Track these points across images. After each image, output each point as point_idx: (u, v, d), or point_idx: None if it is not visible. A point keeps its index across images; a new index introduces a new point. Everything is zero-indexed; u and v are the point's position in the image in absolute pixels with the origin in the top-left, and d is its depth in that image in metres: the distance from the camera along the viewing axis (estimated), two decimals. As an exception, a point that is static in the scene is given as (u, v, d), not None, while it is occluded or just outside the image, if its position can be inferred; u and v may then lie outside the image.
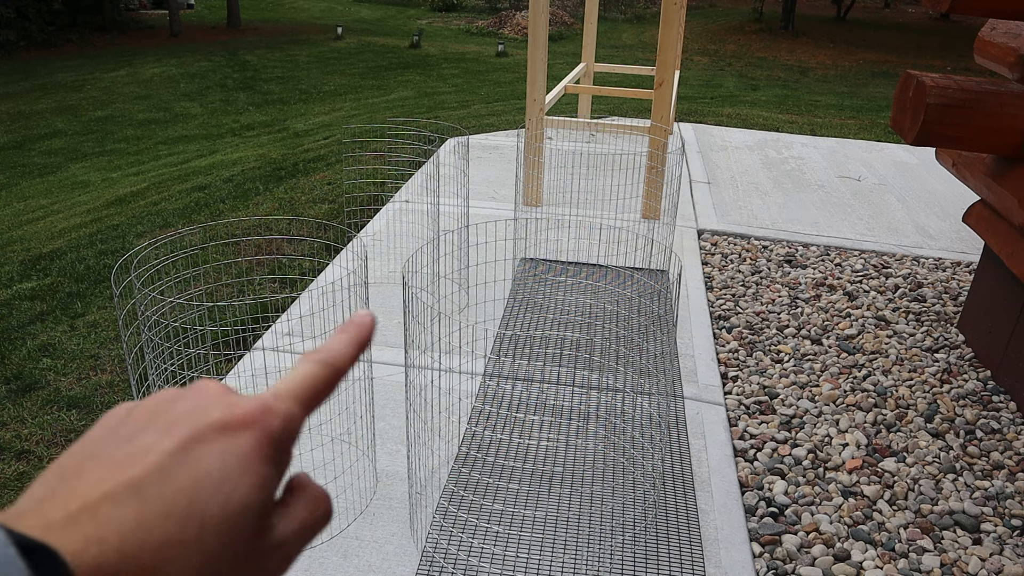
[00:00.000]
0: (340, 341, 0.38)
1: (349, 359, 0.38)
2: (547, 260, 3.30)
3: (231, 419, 0.32)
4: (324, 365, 0.37)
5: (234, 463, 0.31)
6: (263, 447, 0.32)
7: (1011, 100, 2.23)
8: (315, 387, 0.36)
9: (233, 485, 0.31)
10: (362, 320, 0.40)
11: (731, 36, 17.30)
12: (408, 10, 22.71)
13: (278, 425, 0.33)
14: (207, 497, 0.30)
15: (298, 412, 0.35)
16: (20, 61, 14.69)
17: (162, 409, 0.33)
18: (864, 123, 6.81)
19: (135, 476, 0.30)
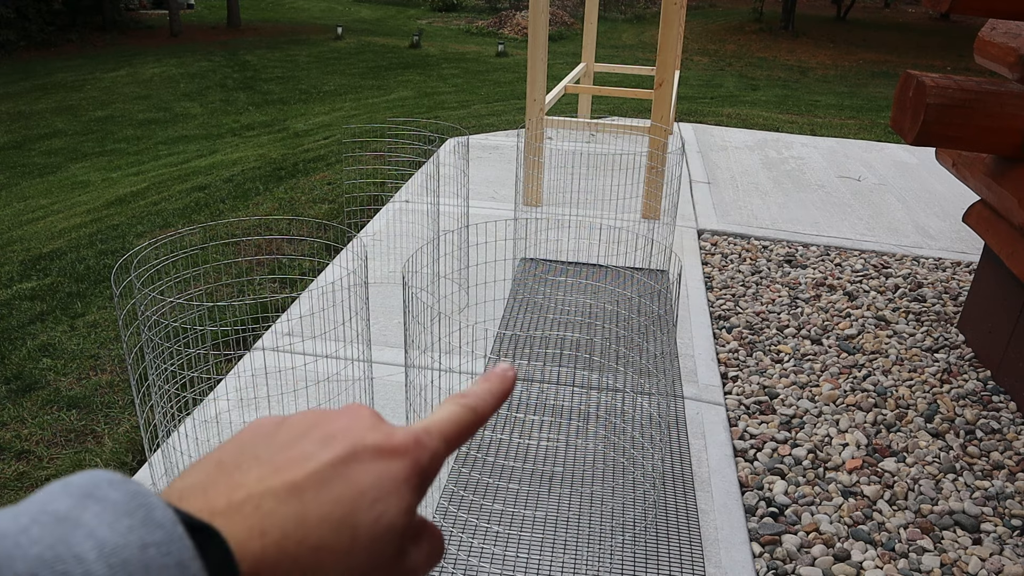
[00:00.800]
0: (485, 390, 0.40)
1: (492, 408, 0.40)
2: (547, 260, 3.30)
3: (387, 446, 0.34)
4: (470, 410, 0.39)
5: (388, 486, 0.33)
6: (412, 477, 0.34)
7: (1011, 100, 2.23)
8: (460, 429, 0.38)
9: (385, 506, 0.33)
10: (505, 374, 0.42)
11: (731, 36, 17.30)
12: (408, 10, 22.71)
13: (427, 458, 0.35)
14: (361, 512, 0.32)
15: (443, 450, 0.37)
16: (20, 61, 14.69)
17: (319, 423, 0.35)
18: (864, 123, 6.81)
19: (297, 479, 0.32)
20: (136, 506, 0.26)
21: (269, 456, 0.33)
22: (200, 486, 0.31)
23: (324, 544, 0.31)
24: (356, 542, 0.32)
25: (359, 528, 0.32)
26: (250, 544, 0.30)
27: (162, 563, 0.26)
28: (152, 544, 0.26)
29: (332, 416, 0.35)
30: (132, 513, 0.26)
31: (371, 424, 0.35)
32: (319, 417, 0.35)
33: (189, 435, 2.09)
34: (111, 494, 0.27)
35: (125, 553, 0.25)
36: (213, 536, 0.28)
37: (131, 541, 0.26)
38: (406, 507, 0.33)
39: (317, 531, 0.31)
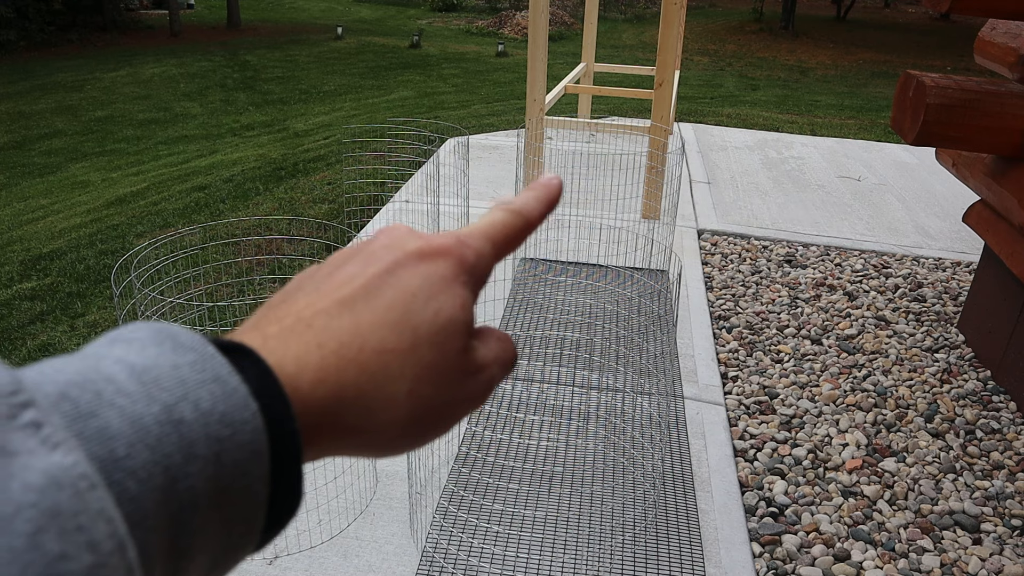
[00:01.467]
0: (532, 196, 0.40)
1: (539, 214, 0.39)
2: (547, 260, 3.30)
3: (428, 248, 0.34)
4: (516, 214, 0.38)
5: (438, 283, 0.33)
6: (461, 273, 0.34)
7: (1011, 100, 2.23)
8: (505, 232, 0.37)
9: (440, 303, 0.32)
10: (550, 181, 0.41)
11: (731, 36, 17.30)
12: (408, 10, 22.71)
13: (472, 256, 0.35)
14: (417, 310, 0.32)
15: (488, 251, 0.36)
16: (20, 61, 14.69)
17: (360, 249, 0.35)
18: (864, 123, 6.81)
19: (344, 295, 0.32)
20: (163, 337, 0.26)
21: (314, 286, 0.33)
22: (251, 324, 0.31)
23: (385, 346, 0.31)
24: (418, 339, 0.31)
25: (419, 327, 0.32)
26: (308, 358, 0.30)
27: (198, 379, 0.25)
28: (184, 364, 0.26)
29: (370, 241, 0.35)
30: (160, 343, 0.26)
31: (410, 235, 0.35)
32: (359, 246, 0.35)
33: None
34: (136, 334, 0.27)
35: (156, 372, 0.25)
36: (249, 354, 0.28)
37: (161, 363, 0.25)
38: (461, 302, 0.33)
39: (375, 335, 0.31)
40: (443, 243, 0.34)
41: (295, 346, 0.30)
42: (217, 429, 0.25)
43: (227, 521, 0.26)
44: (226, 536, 0.26)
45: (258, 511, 0.27)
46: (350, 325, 0.31)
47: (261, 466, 0.26)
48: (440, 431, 0.34)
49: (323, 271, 0.34)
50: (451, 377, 0.33)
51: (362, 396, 0.30)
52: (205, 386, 0.25)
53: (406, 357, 0.31)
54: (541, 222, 0.39)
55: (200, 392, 0.25)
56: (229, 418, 0.25)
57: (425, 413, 0.32)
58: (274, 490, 0.27)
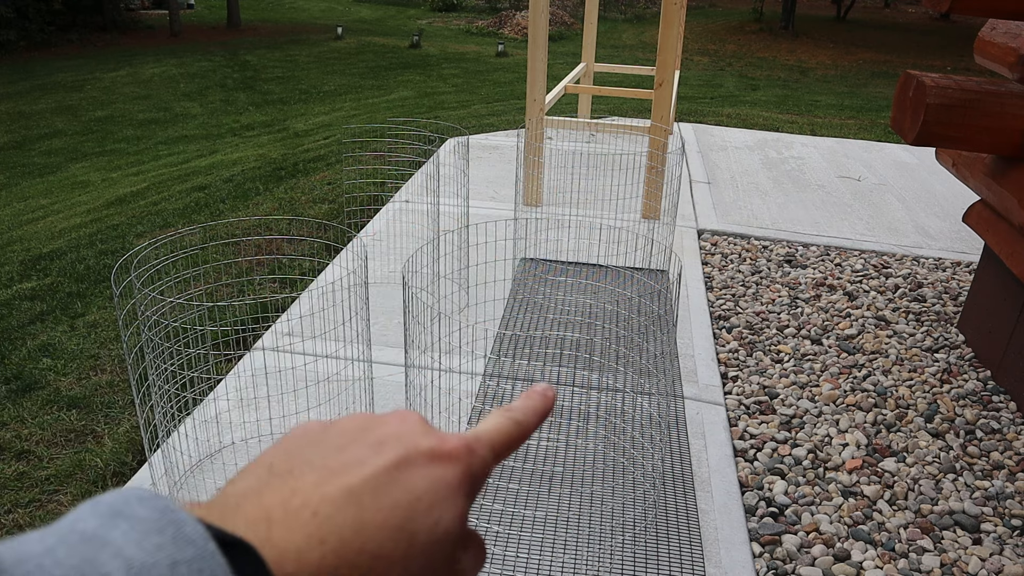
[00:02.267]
0: (529, 406, 0.41)
1: (534, 424, 0.40)
2: (547, 260, 3.30)
3: (440, 451, 0.34)
4: (516, 423, 0.39)
5: (443, 491, 0.33)
6: (465, 483, 0.34)
7: (1011, 100, 2.23)
8: (506, 440, 0.38)
9: (441, 511, 0.32)
10: (546, 392, 0.42)
11: (731, 36, 17.30)
12: (408, 10, 22.71)
13: (478, 465, 0.35)
14: (419, 518, 0.31)
15: (491, 459, 0.37)
16: (20, 61, 14.69)
17: (369, 427, 0.34)
18: (864, 123, 6.81)
19: (353, 484, 0.31)
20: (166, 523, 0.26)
21: (322, 461, 0.32)
22: (254, 491, 0.30)
23: (382, 552, 0.30)
24: (413, 548, 0.31)
25: (417, 535, 0.31)
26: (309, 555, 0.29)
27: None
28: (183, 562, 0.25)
29: (381, 420, 0.35)
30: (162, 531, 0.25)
31: (422, 429, 0.35)
32: (368, 421, 0.35)
33: (189, 435, 2.09)
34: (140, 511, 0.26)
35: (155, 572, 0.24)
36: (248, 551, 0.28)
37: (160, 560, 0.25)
38: (460, 513, 0.33)
39: (376, 538, 0.30)
40: (454, 448, 0.34)
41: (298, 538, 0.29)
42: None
43: None
44: None
45: None
46: (354, 521, 0.30)
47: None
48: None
49: (331, 439, 0.33)
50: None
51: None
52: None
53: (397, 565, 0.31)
54: (535, 430, 0.40)
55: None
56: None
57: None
58: None
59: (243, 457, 2.02)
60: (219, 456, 2.03)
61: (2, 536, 1.81)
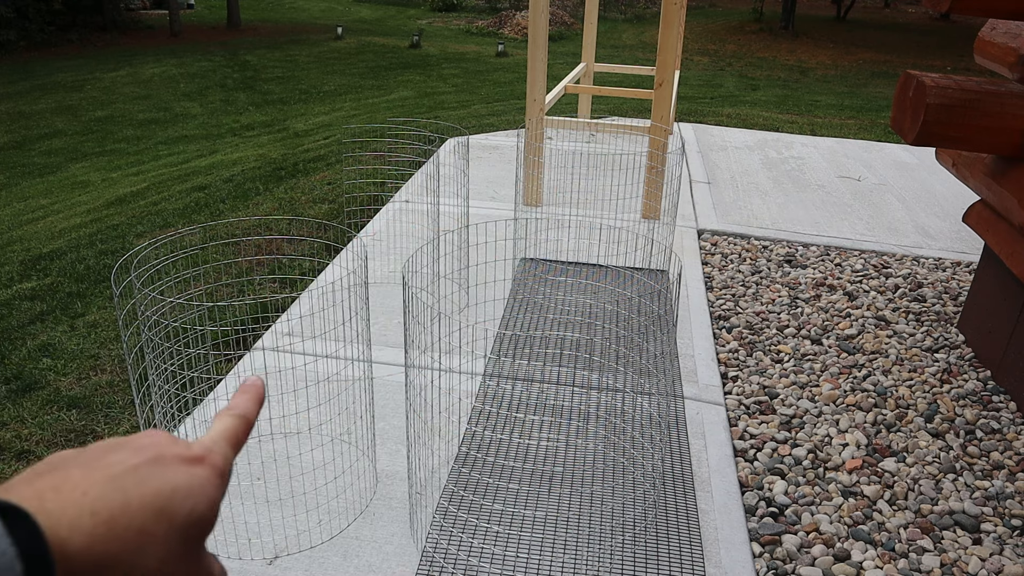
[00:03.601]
0: (245, 400, 0.48)
1: (255, 412, 0.48)
2: (547, 260, 3.30)
3: (188, 454, 0.40)
4: (239, 418, 0.46)
5: (195, 484, 0.38)
6: (214, 477, 0.40)
7: (1011, 100, 2.23)
8: (236, 434, 0.45)
9: (196, 500, 0.38)
10: (255, 383, 0.49)
11: (731, 36, 17.30)
12: (408, 10, 22.71)
13: (221, 461, 0.41)
14: (177, 503, 0.37)
15: (231, 453, 0.44)
16: (20, 61, 14.68)
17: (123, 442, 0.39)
18: (864, 123, 6.81)
19: (117, 473, 0.36)
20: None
21: (87, 461, 0.37)
22: (26, 479, 0.35)
23: (145, 528, 0.35)
24: (172, 528, 0.36)
25: (175, 517, 0.36)
26: (80, 523, 0.33)
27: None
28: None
29: (133, 437, 0.40)
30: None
31: (170, 440, 0.40)
32: (120, 439, 0.40)
33: (189, 435, 2.09)
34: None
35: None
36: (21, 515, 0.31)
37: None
38: (211, 502, 0.39)
39: (140, 517, 0.35)
40: (199, 451, 0.41)
41: (71, 511, 0.33)
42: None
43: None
44: None
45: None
46: (121, 502, 0.35)
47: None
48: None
49: (90, 454, 0.38)
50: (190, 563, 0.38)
51: (117, 566, 0.34)
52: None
53: (158, 542, 0.35)
54: (257, 417, 0.48)
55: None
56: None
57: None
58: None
59: (243, 457, 2.02)
60: (219, 456, 2.02)
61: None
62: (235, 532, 1.77)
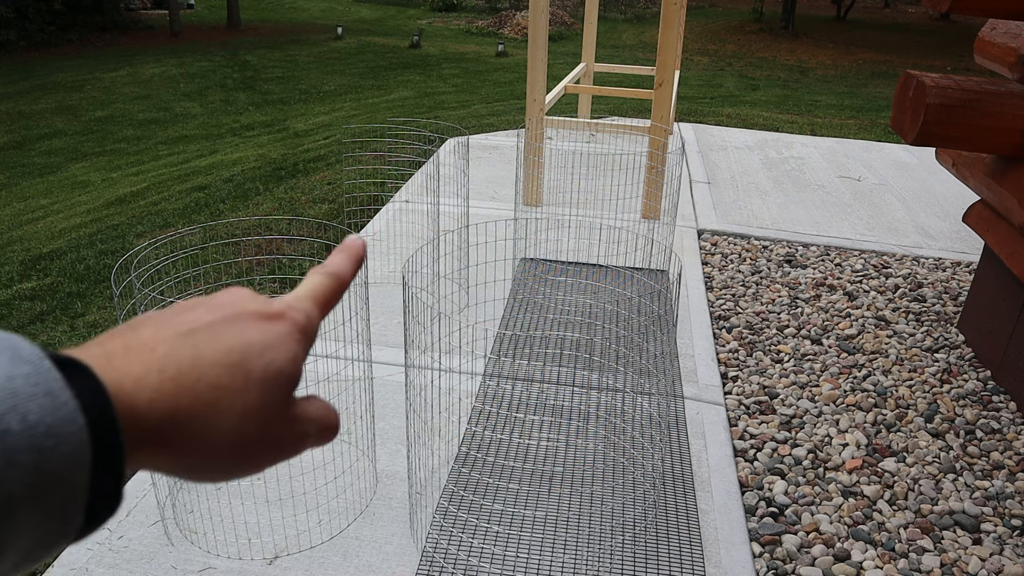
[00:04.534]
0: (340, 259, 0.45)
1: (350, 272, 0.45)
2: (547, 260, 3.30)
3: (267, 311, 0.39)
4: (331, 276, 0.44)
5: (273, 340, 0.37)
6: (294, 332, 0.38)
7: (1011, 100, 2.23)
8: (326, 293, 0.43)
9: (273, 355, 0.37)
10: (354, 242, 0.47)
11: (731, 36, 17.29)
12: (408, 10, 22.70)
13: (302, 318, 0.40)
14: (252, 358, 0.36)
15: (315, 312, 0.42)
16: (20, 61, 14.68)
17: (202, 301, 0.39)
18: (864, 123, 6.81)
19: (188, 330, 0.35)
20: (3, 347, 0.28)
21: (160, 320, 0.36)
22: (96, 343, 0.34)
23: (220, 383, 0.34)
24: (249, 382, 0.35)
25: (252, 372, 0.35)
26: (148, 379, 0.32)
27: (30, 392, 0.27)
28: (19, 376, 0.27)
29: (213, 295, 0.39)
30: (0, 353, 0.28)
31: (250, 296, 0.39)
32: (200, 298, 0.39)
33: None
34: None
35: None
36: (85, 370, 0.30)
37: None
38: (292, 357, 0.37)
39: (212, 372, 0.34)
40: (279, 308, 0.39)
41: (137, 367, 0.33)
42: (41, 440, 0.27)
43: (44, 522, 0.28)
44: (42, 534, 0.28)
45: (76, 515, 0.29)
46: (191, 356, 0.34)
47: (81, 476, 0.28)
48: (252, 468, 0.37)
49: (166, 314, 0.37)
50: (271, 421, 0.36)
51: (192, 421, 0.33)
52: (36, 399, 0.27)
53: (236, 396, 0.35)
54: (353, 278, 0.45)
55: (30, 404, 0.27)
56: (55, 430, 0.27)
57: (243, 448, 0.36)
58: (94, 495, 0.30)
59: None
60: (219, 456, 2.03)
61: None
62: (235, 532, 1.77)
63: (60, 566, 1.67)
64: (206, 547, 1.73)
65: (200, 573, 1.66)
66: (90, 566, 1.66)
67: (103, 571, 1.65)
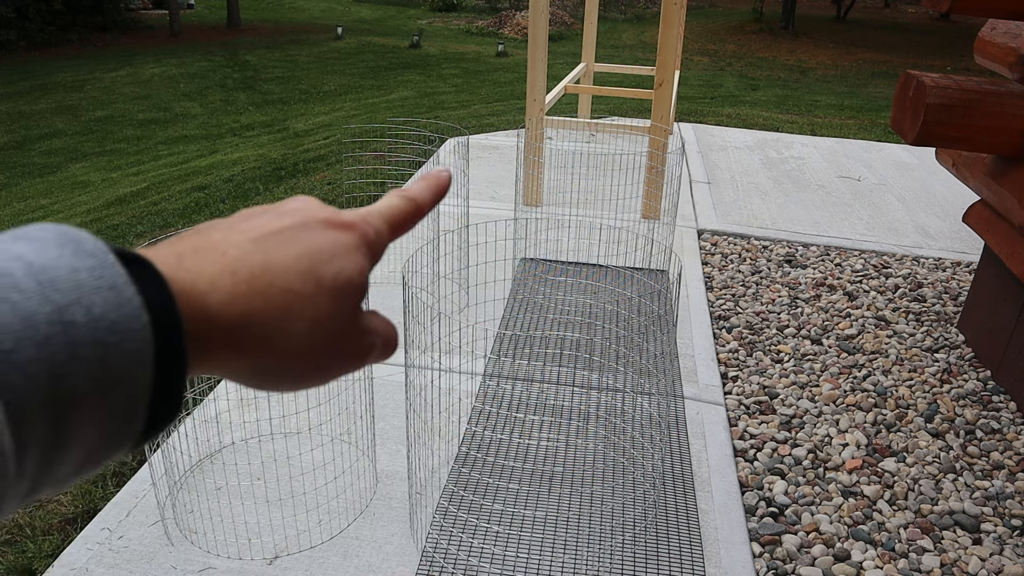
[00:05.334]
0: (424, 186, 0.44)
1: (429, 201, 0.44)
2: (547, 260, 3.30)
3: (336, 219, 0.38)
4: (408, 200, 0.43)
5: (342, 248, 0.37)
6: (362, 245, 0.38)
7: (1011, 100, 2.23)
8: (400, 215, 0.42)
9: (342, 263, 0.36)
10: (440, 173, 0.45)
11: (731, 36, 17.30)
12: (408, 10, 22.70)
13: (372, 233, 0.39)
14: (322, 264, 0.35)
15: (385, 231, 0.41)
16: (20, 61, 14.68)
17: (272, 207, 0.38)
18: (864, 123, 6.81)
19: (260, 235, 0.35)
20: (66, 240, 0.27)
21: (231, 225, 0.35)
22: (166, 245, 0.33)
23: (292, 288, 0.34)
24: (320, 289, 0.35)
25: (322, 278, 0.35)
26: (221, 280, 0.32)
27: (94, 285, 0.26)
28: (83, 269, 0.26)
29: (283, 203, 0.39)
30: (63, 245, 0.27)
31: (320, 206, 0.39)
32: (270, 205, 0.38)
33: (189, 435, 2.09)
34: (41, 234, 0.27)
35: (54, 273, 0.26)
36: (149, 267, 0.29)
37: (61, 265, 0.26)
38: (360, 268, 0.37)
39: (284, 277, 0.34)
40: (350, 218, 0.38)
41: (210, 268, 0.32)
42: (105, 335, 0.26)
43: (107, 420, 0.27)
44: (104, 433, 0.27)
45: (138, 414, 0.28)
46: (262, 261, 0.34)
47: (144, 374, 0.28)
48: (320, 378, 0.37)
49: (235, 219, 0.36)
50: (341, 329, 0.36)
51: (264, 324, 0.33)
52: (100, 293, 0.26)
53: (308, 301, 0.34)
54: (431, 209, 0.44)
55: (94, 298, 0.26)
56: (119, 326, 0.27)
57: (313, 355, 0.35)
58: (156, 395, 0.29)
59: (243, 457, 2.02)
60: (219, 456, 2.03)
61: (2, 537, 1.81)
62: (235, 532, 1.77)
63: (60, 566, 1.67)
64: (206, 547, 1.73)
65: (200, 573, 1.66)
66: (90, 566, 1.66)
67: (103, 571, 1.65)
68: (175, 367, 0.29)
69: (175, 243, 0.33)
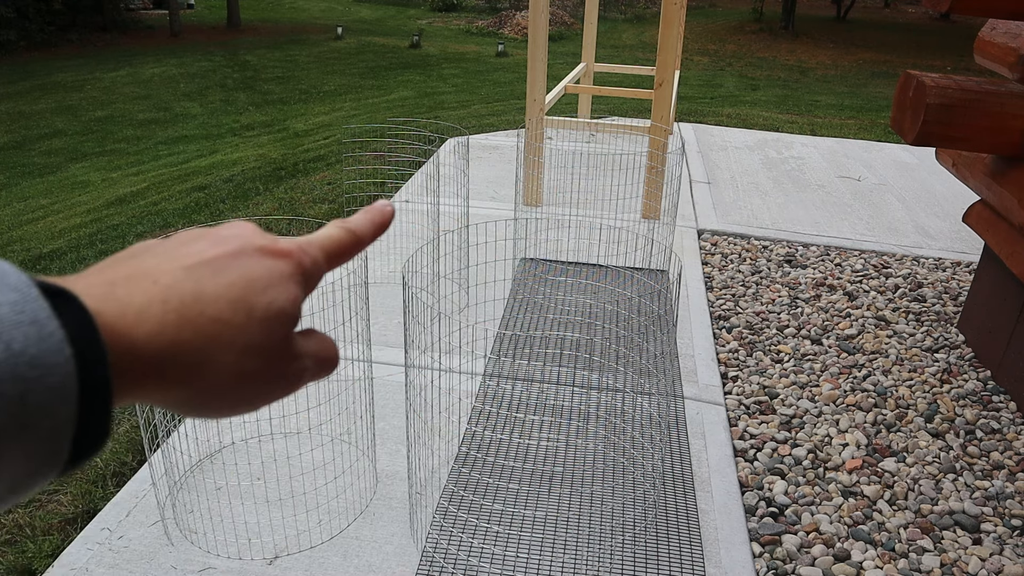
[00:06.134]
0: (366, 219, 0.44)
1: (370, 234, 0.44)
2: (547, 260, 3.30)
3: (273, 247, 0.38)
4: (348, 232, 0.43)
5: (276, 277, 0.37)
6: (296, 274, 0.38)
7: (1011, 100, 2.23)
8: (339, 246, 0.42)
9: (275, 293, 0.36)
10: (383, 207, 0.45)
11: (731, 36, 17.30)
12: (408, 10, 22.70)
13: (308, 262, 0.39)
14: (255, 295, 0.35)
15: (322, 260, 0.41)
16: (20, 61, 14.68)
17: (207, 233, 0.38)
18: (864, 123, 6.80)
19: (193, 263, 0.35)
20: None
21: (164, 251, 0.35)
22: (99, 268, 0.33)
23: (222, 317, 0.34)
24: (251, 320, 0.35)
25: (254, 309, 0.35)
26: (150, 310, 0.32)
27: (15, 320, 0.26)
28: (5, 303, 0.26)
29: (218, 227, 0.38)
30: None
31: (256, 232, 0.39)
32: (205, 230, 0.38)
33: (189, 435, 2.09)
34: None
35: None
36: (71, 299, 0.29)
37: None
38: (293, 297, 0.37)
39: (215, 306, 0.34)
40: (286, 246, 0.38)
41: (140, 298, 0.32)
42: (25, 370, 0.26)
43: (30, 454, 0.27)
44: (27, 466, 0.27)
45: (62, 446, 0.28)
46: (193, 289, 0.33)
47: (68, 408, 0.28)
48: (250, 404, 0.37)
49: (169, 244, 0.36)
50: (272, 357, 0.36)
51: (193, 354, 0.33)
52: (21, 328, 0.26)
53: (238, 331, 0.34)
54: (371, 242, 0.44)
55: (14, 333, 0.26)
56: (39, 360, 0.26)
57: (244, 384, 0.35)
58: (81, 428, 0.29)
59: (243, 457, 2.02)
60: (219, 456, 2.03)
61: (3, 538, 1.81)
62: (235, 532, 1.77)
63: (60, 566, 1.67)
64: (206, 547, 1.73)
65: (200, 573, 1.66)
66: (90, 566, 1.66)
67: (103, 571, 1.65)
68: (100, 400, 0.29)
69: (108, 269, 0.33)
